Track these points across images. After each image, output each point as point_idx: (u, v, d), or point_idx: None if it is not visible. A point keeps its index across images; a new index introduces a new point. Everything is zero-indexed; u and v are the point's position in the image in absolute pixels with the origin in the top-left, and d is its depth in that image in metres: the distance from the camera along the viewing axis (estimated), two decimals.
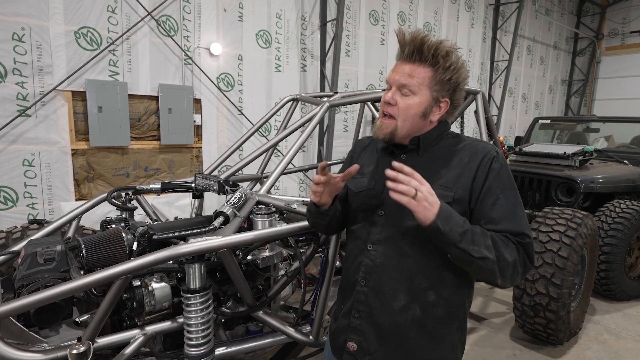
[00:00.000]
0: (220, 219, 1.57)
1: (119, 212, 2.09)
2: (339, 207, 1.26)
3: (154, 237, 1.57)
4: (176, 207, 4.95)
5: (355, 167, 1.09)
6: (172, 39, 4.64)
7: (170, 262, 1.49)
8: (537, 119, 5.63)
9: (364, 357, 1.16)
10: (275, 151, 4.57)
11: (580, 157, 4.19)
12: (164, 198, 4.81)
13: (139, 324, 1.59)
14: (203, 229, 1.52)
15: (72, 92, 4.11)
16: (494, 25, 8.73)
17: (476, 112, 2.85)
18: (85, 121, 4.22)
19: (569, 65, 11.23)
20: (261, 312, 1.75)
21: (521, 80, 9.78)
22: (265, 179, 3.15)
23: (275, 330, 1.80)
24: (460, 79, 1.12)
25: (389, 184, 0.97)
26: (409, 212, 1.07)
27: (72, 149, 4.20)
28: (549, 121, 5.69)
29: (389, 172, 0.97)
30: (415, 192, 0.94)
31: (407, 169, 0.96)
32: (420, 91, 1.10)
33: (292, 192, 6.16)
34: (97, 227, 2.85)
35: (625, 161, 4.59)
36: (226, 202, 1.67)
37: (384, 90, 1.19)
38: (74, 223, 2.00)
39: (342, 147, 6.48)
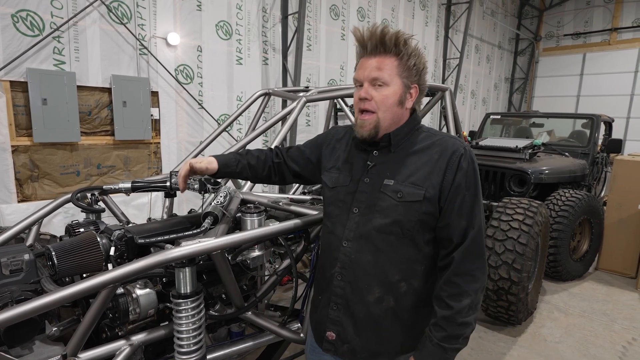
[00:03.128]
0: (210, 220, 1.50)
1: (67, 215, 1.92)
2: (235, 169, 1.45)
3: (139, 241, 1.47)
4: (133, 206, 4.66)
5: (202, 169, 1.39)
6: (125, 26, 4.33)
7: None
8: (488, 114, 5.98)
9: (342, 345, 1.22)
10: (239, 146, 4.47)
11: (529, 151, 4.52)
12: (120, 197, 4.50)
13: (120, 334, 1.48)
14: (195, 231, 1.44)
15: (11, 82, 3.71)
16: (446, 24, 9.12)
17: (444, 108, 2.96)
18: (27, 114, 3.83)
19: (512, 64, 12.05)
20: (249, 312, 1.71)
21: (470, 78, 10.33)
22: None
23: (264, 330, 1.76)
24: (422, 64, 1.18)
25: None
26: (381, 209, 1.15)
27: (13, 146, 3.80)
28: (499, 117, 6.07)
29: None
30: None
31: None
32: (392, 81, 1.13)
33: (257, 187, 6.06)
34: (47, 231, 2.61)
35: (566, 153, 5.03)
36: (213, 202, 1.60)
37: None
38: (34, 228, 1.81)
39: (304, 140, 6.46)
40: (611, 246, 4.44)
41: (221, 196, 1.64)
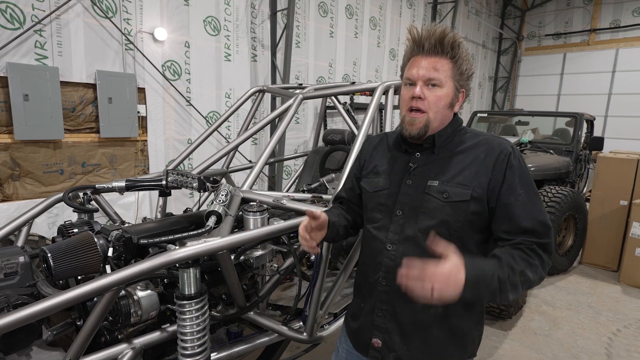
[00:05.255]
0: (214, 219, 1.46)
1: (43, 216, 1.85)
2: (339, 231, 1.28)
3: (141, 241, 1.42)
4: (120, 205, 4.54)
5: (317, 213, 1.14)
6: (111, 20, 4.20)
7: None
8: (475, 112, 6.06)
9: (389, 353, 1.18)
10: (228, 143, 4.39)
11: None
12: (106, 196, 4.39)
13: (120, 337, 1.44)
14: (199, 231, 1.40)
15: None
16: (432, 23, 9.20)
17: None
18: (7, 111, 3.67)
19: (495, 63, 12.26)
20: (251, 312, 1.68)
21: None
22: (230, 174, 3.03)
23: (265, 329, 1.75)
24: (471, 69, 1.17)
25: (402, 284, 0.92)
26: (427, 211, 1.12)
27: None
28: (486, 115, 6.17)
29: (399, 278, 0.93)
30: (431, 289, 0.89)
31: (414, 271, 0.91)
32: (446, 83, 1.12)
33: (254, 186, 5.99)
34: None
35: (551, 151, 5.15)
36: (214, 200, 1.57)
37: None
38: (25, 229, 1.73)
39: (294, 139, 6.43)
40: (594, 241, 4.57)
41: (222, 195, 1.61)
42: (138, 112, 4.54)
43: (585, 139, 5.65)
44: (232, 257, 1.56)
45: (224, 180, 2.96)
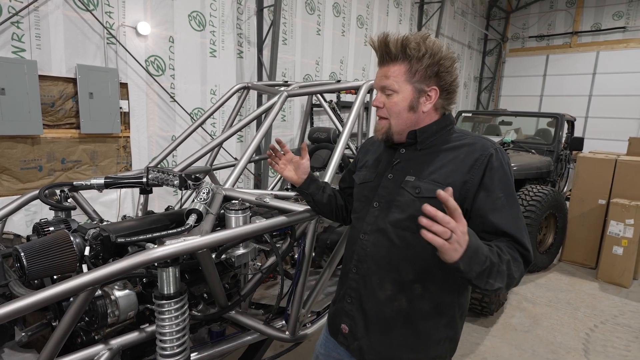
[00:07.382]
0: (194, 217, 1.44)
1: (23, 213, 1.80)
2: (323, 190, 1.47)
3: (119, 240, 1.39)
4: (100, 203, 4.46)
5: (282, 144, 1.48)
6: (92, 13, 4.10)
7: None
8: (460, 112, 6.13)
9: (353, 342, 1.23)
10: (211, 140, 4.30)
11: None
12: (86, 193, 4.29)
13: (96, 338, 1.41)
14: (179, 229, 1.38)
15: None
16: (418, 23, 9.26)
17: None
18: None
19: (480, 63, 12.42)
20: (233, 311, 1.67)
21: None
22: (214, 172, 3.00)
23: (247, 328, 1.73)
24: (439, 64, 1.10)
25: (423, 221, 0.84)
26: (399, 204, 1.14)
27: None
28: (470, 114, 6.25)
29: (426, 209, 0.84)
30: (451, 234, 0.84)
31: (441, 215, 0.84)
32: (401, 87, 1.13)
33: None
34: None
35: (533, 151, 5.25)
36: (195, 198, 1.54)
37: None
38: None
39: (280, 136, 6.40)
40: (573, 239, 4.69)
41: (204, 192, 1.59)
42: (120, 107, 4.45)
43: (566, 139, 5.77)
44: (213, 255, 1.54)
45: (206, 178, 2.93)
